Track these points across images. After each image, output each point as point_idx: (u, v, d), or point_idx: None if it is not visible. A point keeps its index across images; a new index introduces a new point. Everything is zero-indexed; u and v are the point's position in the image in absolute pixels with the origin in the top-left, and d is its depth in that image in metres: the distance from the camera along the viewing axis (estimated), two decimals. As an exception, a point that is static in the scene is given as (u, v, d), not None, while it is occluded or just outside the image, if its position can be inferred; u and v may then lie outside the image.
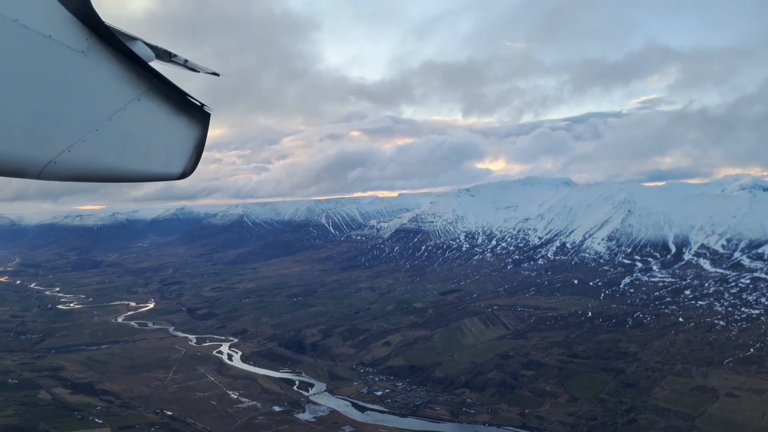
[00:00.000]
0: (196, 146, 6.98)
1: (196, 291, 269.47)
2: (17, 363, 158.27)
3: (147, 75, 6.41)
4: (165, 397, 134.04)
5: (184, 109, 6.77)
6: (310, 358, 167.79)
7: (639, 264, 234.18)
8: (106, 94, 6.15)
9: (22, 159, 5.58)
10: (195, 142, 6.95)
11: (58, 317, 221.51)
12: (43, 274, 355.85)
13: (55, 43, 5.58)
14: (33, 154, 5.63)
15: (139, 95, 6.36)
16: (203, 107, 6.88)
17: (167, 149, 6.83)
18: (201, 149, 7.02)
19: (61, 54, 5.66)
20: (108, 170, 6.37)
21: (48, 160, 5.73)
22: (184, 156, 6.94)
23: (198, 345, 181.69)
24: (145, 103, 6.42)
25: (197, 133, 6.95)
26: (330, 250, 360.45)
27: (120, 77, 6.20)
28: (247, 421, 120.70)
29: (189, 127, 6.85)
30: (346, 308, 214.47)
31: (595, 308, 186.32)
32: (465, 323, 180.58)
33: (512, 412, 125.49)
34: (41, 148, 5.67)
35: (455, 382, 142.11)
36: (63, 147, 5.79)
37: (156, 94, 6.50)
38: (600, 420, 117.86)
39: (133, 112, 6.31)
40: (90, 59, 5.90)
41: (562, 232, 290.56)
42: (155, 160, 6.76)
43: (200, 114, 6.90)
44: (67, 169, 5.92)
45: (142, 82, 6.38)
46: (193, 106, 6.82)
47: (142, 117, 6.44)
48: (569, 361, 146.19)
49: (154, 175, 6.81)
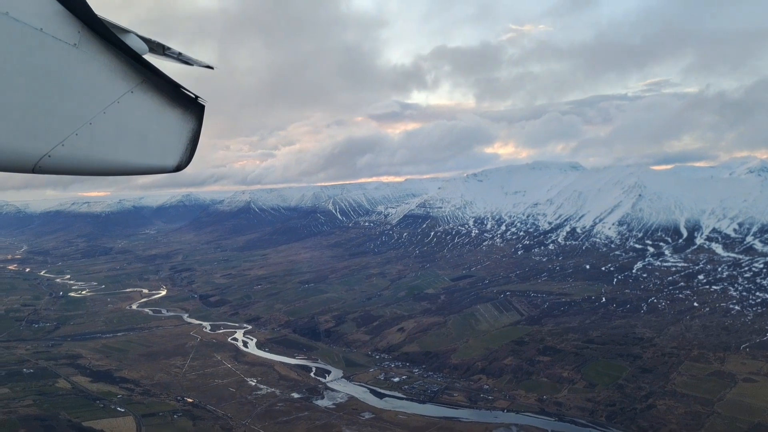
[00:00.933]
0: (191, 139, 6.95)
1: (207, 278, 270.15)
2: (32, 352, 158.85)
3: (140, 68, 6.39)
4: (184, 385, 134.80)
5: (178, 102, 6.74)
6: (325, 345, 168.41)
7: (651, 249, 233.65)
8: (99, 87, 6.13)
9: (15, 153, 5.56)
10: (190, 134, 6.92)
11: (71, 305, 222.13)
12: (53, 262, 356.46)
13: (47, 36, 5.57)
14: (27, 148, 5.61)
15: (133, 88, 6.35)
16: (197, 99, 6.83)
17: (162, 142, 6.79)
18: (196, 142, 6.98)
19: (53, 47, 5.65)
20: (102, 164, 6.33)
21: (42, 154, 5.71)
22: (179, 149, 6.90)
23: (213, 332, 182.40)
24: (139, 95, 6.41)
25: (192, 125, 6.91)
26: (338, 236, 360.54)
27: (113, 70, 6.19)
28: (266, 408, 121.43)
29: (183, 119, 6.83)
30: (358, 294, 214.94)
31: (609, 293, 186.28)
32: (478, 309, 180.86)
33: (530, 398, 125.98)
34: (35, 142, 5.66)
35: (471, 368, 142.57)
36: (57, 141, 5.78)
37: (150, 86, 6.49)
38: (619, 406, 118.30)
39: (126, 105, 6.30)
40: (82, 52, 5.90)
41: (572, 216, 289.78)
42: (150, 153, 6.73)
43: (195, 106, 6.86)
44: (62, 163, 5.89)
45: (136, 75, 6.37)
46: (188, 98, 6.79)
47: (136, 110, 6.43)
48: (585, 347, 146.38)
49: (149, 168, 6.78)
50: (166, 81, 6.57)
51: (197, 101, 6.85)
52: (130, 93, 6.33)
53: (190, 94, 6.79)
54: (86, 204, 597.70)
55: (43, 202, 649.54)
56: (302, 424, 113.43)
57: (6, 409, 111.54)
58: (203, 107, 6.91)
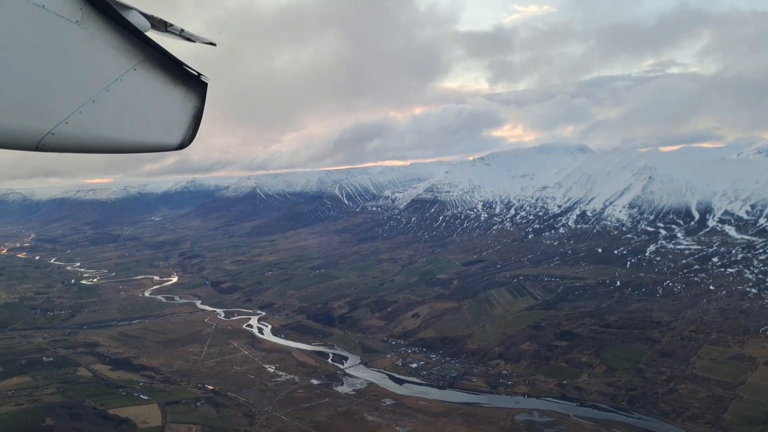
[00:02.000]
0: (194, 116, 6.93)
1: (217, 264, 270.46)
2: (49, 340, 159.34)
3: (143, 45, 6.36)
4: (204, 372, 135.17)
5: (181, 79, 6.71)
6: (340, 331, 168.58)
7: (663, 231, 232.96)
8: (101, 64, 6.12)
9: (19, 131, 5.58)
10: (192, 112, 6.90)
11: (84, 293, 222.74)
12: (62, 249, 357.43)
13: (49, 14, 5.55)
14: (30, 126, 5.62)
15: (136, 65, 6.33)
16: (200, 77, 6.80)
17: (165, 119, 6.79)
18: (199, 119, 6.97)
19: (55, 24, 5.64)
20: (106, 141, 6.32)
21: (45, 131, 5.72)
22: (181, 126, 6.90)
23: (227, 319, 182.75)
24: (142, 73, 6.39)
25: (195, 103, 6.89)
26: (346, 221, 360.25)
27: (115, 47, 6.18)
28: (287, 395, 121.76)
29: (186, 97, 6.81)
30: (369, 280, 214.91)
31: (623, 277, 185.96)
32: (492, 294, 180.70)
33: (550, 383, 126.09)
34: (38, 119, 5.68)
35: (489, 353, 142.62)
36: (60, 118, 5.78)
37: (152, 64, 6.47)
38: (640, 390, 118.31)
39: (129, 83, 6.28)
40: (85, 29, 5.88)
41: (582, 200, 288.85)
42: (153, 130, 6.73)
43: (197, 84, 6.82)
44: (65, 140, 5.90)
45: (138, 52, 6.35)
46: (191, 75, 6.75)
47: (139, 87, 6.41)
48: (602, 331, 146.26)
49: (152, 146, 6.76)
50: (168, 58, 6.52)
51: (200, 79, 6.81)
52: (133, 70, 6.32)
53: (193, 72, 6.75)
54: (92, 191, 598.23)
55: (48, 189, 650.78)
56: (324, 411, 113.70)
57: (30, 398, 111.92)
58: (206, 85, 6.87)
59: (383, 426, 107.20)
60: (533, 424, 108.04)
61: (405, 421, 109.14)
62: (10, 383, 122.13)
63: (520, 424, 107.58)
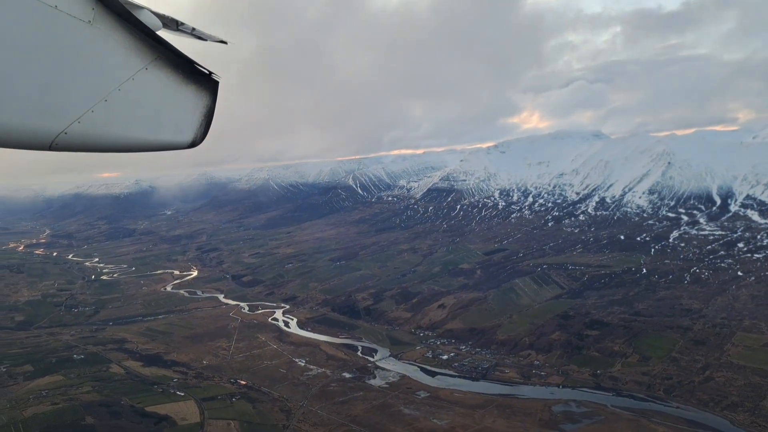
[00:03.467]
0: (206, 114, 6.94)
1: (235, 257, 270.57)
2: (77, 337, 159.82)
3: (154, 44, 6.39)
4: (234, 366, 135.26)
5: (192, 78, 6.71)
6: (366, 323, 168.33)
7: (684, 217, 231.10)
8: (113, 63, 6.16)
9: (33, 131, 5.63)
10: (204, 110, 6.91)
11: (106, 288, 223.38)
12: (78, 245, 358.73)
13: (62, 14, 5.59)
14: (44, 125, 5.67)
15: (147, 64, 6.36)
16: (211, 75, 6.80)
17: (176, 118, 6.81)
18: (210, 117, 6.98)
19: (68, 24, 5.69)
20: (118, 140, 6.35)
21: (59, 131, 5.77)
22: (193, 124, 6.93)
23: (252, 312, 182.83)
24: (154, 72, 6.42)
25: (206, 101, 6.90)
26: (362, 212, 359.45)
27: (127, 46, 6.21)
28: (321, 389, 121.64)
29: (198, 95, 6.82)
30: (391, 271, 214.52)
31: (649, 264, 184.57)
32: (517, 284, 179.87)
33: (584, 373, 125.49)
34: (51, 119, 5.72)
35: (519, 344, 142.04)
36: (73, 118, 5.83)
37: (164, 63, 6.49)
38: (676, 379, 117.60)
39: (141, 82, 6.31)
40: (97, 29, 5.91)
41: (600, 186, 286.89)
42: (165, 129, 6.76)
43: (209, 82, 6.83)
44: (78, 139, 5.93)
45: (150, 51, 6.38)
46: (202, 74, 6.76)
47: (151, 86, 6.44)
48: (632, 319, 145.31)
49: (164, 144, 6.79)
50: (180, 57, 6.54)
51: (211, 77, 6.81)
52: (145, 70, 6.35)
53: (204, 70, 6.76)
54: (104, 186, 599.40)
55: (60, 185, 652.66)
56: (359, 405, 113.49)
57: (66, 396, 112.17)
58: (217, 83, 6.88)
59: (420, 419, 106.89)
60: (571, 414, 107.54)
61: (442, 413, 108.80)
62: (42, 382, 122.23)
63: (558, 415, 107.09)
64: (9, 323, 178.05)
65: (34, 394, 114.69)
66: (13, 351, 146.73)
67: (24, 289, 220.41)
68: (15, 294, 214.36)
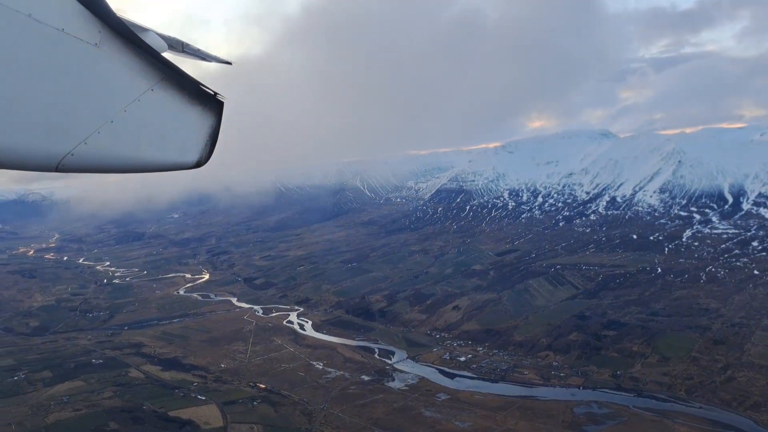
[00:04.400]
0: (211, 135, 7.01)
1: (246, 260, 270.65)
2: (94, 342, 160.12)
3: (160, 65, 6.49)
4: (252, 370, 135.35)
5: (197, 99, 6.80)
6: (381, 325, 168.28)
7: (697, 216, 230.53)
8: (120, 85, 6.26)
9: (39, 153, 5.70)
10: (209, 131, 6.98)
11: (119, 292, 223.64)
12: (88, 249, 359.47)
13: (69, 37, 5.69)
14: (50, 147, 5.74)
15: (153, 86, 6.45)
16: (216, 96, 6.88)
17: (182, 138, 6.90)
18: (215, 138, 7.06)
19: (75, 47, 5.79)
20: (124, 161, 6.43)
21: (65, 152, 5.83)
22: (198, 145, 6.98)
23: (266, 315, 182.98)
24: (159, 93, 6.51)
25: (211, 121, 6.97)
26: (370, 213, 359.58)
27: (133, 68, 6.31)
28: (340, 392, 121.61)
29: (203, 116, 6.89)
30: (403, 273, 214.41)
31: (663, 264, 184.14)
32: (531, 284, 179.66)
33: (603, 374, 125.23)
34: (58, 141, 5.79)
35: (537, 345, 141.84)
36: (79, 139, 5.89)
37: (169, 84, 6.58)
38: (697, 379, 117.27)
39: (147, 103, 6.41)
40: (103, 51, 6.01)
41: (610, 185, 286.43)
42: (170, 149, 6.84)
43: (214, 102, 6.91)
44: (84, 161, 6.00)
45: (156, 73, 6.48)
46: (207, 95, 6.84)
47: (156, 107, 6.53)
48: (650, 319, 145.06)
49: (169, 165, 6.86)
50: (185, 78, 6.64)
51: (216, 98, 6.89)
52: (151, 91, 6.44)
53: (209, 91, 6.85)
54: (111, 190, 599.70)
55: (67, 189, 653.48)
56: (380, 408, 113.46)
57: (88, 403, 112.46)
58: (222, 103, 6.96)
59: (442, 421, 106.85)
60: (593, 416, 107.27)
61: (463, 416, 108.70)
62: (62, 388, 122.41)
63: (581, 417, 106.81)
64: (24, 329, 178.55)
65: (55, 401, 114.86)
66: (30, 357, 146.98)
67: (37, 294, 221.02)
68: (29, 299, 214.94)
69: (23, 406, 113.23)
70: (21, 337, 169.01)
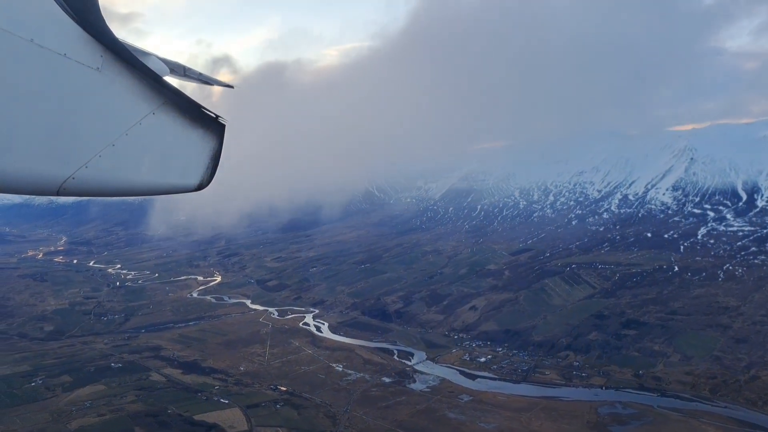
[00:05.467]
0: (212, 158, 6.99)
1: (258, 262, 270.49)
2: (111, 346, 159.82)
3: (161, 89, 6.49)
4: (272, 372, 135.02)
5: (199, 121, 6.79)
6: (399, 326, 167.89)
7: (711, 213, 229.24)
8: (121, 109, 6.27)
9: (40, 176, 5.74)
10: (211, 153, 6.97)
11: (132, 295, 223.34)
12: (98, 252, 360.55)
13: (71, 61, 5.75)
14: (51, 171, 5.76)
15: (154, 109, 6.45)
16: (218, 119, 6.89)
17: (183, 162, 6.89)
18: (217, 160, 7.04)
19: (77, 71, 5.83)
20: (125, 185, 6.43)
21: (66, 176, 5.83)
22: (200, 168, 6.96)
23: (281, 318, 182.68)
24: (161, 117, 6.50)
25: (212, 144, 6.96)
26: (380, 213, 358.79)
27: (135, 92, 6.31)
28: (362, 394, 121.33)
29: (204, 138, 6.88)
30: (417, 273, 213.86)
31: (680, 262, 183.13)
32: (547, 284, 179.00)
33: (625, 373, 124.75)
34: (59, 164, 5.81)
35: (556, 345, 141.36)
36: (80, 163, 5.88)
37: (171, 107, 6.58)
38: (720, 378, 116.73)
39: (148, 127, 6.39)
40: (105, 75, 6.03)
41: (622, 183, 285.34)
42: (171, 172, 6.83)
43: (215, 125, 6.91)
44: (85, 184, 5.98)
45: (157, 97, 6.47)
46: (208, 117, 6.85)
47: (158, 131, 6.53)
48: (669, 318, 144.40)
49: (170, 188, 6.87)
50: (187, 101, 6.65)
51: (218, 120, 6.90)
52: (152, 114, 6.43)
53: (211, 114, 6.85)
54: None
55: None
56: (403, 410, 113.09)
57: (111, 407, 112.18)
58: (224, 126, 6.96)
59: (467, 423, 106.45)
60: (618, 416, 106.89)
61: (488, 417, 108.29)
62: (84, 393, 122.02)
63: (605, 417, 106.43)
64: (39, 333, 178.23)
65: (77, 406, 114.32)
66: (47, 362, 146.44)
67: (50, 298, 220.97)
68: (42, 303, 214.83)
69: (43, 413, 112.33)
70: (36, 342, 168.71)
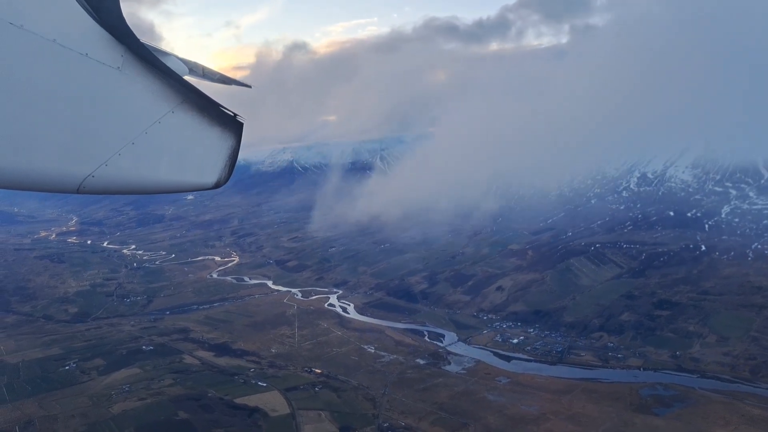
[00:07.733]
0: (230, 156, 6.93)
1: (274, 242, 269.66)
2: (138, 328, 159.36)
3: (180, 88, 6.47)
4: (304, 355, 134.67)
5: (217, 120, 6.74)
6: (426, 307, 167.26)
7: (732, 191, 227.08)
8: (141, 108, 6.27)
9: (61, 174, 5.74)
10: (229, 152, 6.90)
11: (152, 276, 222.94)
12: (110, 232, 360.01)
13: (92, 61, 5.78)
14: (72, 169, 5.76)
15: (174, 108, 6.43)
16: (236, 117, 6.81)
17: (202, 160, 6.84)
18: (235, 159, 6.99)
19: (98, 71, 5.84)
20: (144, 182, 6.40)
21: (86, 174, 5.82)
22: (218, 166, 6.90)
23: (306, 299, 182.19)
24: (180, 115, 6.47)
25: (231, 143, 6.89)
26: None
27: (154, 91, 6.31)
28: (398, 376, 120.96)
29: (222, 137, 6.82)
30: (439, 253, 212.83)
31: (706, 241, 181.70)
32: (573, 263, 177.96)
33: (662, 355, 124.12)
34: (80, 163, 5.81)
35: (589, 326, 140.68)
36: (100, 161, 5.88)
37: (190, 106, 6.55)
38: (760, 359, 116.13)
39: (167, 125, 6.37)
40: (125, 75, 6.05)
41: (639, 161, 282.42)
42: (190, 171, 6.79)
43: (233, 124, 6.83)
44: (105, 182, 5.97)
45: (176, 95, 6.45)
46: (227, 116, 6.77)
47: (177, 129, 6.50)
48: (702, 298, 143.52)
49: (189, 186, 6.86)
50: (205, 100, 6.60)
51: (236, 119, 6.81)
52: (171, 113, 6.40)
53: (229, 113, 6.78)
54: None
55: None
56: (442, 392, 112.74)
57: (150, 391, 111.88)
58: (242, 125, 6.88)
59: (509, 405, 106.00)
60: (660, 398, 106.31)
61: (528, 400, 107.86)
62: (120, 376, 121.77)
63: (648, 399, 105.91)
64: (64, 316, 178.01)
65: (115, 390, 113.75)
66: (77, 344, 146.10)
67: (70, 280, 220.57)
68: (62, 285, 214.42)
69: (82, 396, 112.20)
70: (62, 324, 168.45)
